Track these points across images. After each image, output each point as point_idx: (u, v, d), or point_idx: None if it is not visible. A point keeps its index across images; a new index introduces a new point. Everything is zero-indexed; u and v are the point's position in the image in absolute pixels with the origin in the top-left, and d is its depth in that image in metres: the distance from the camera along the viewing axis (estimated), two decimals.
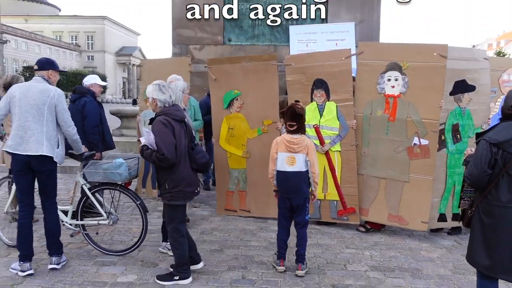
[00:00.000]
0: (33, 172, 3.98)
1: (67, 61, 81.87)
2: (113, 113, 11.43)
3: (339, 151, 5.61)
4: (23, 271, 3.93)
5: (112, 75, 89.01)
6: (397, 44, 5.91)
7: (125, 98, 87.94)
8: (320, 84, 5.61)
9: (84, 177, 4.50)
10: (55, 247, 4.11)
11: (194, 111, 5.96)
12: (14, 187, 4.58)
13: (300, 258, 4.14)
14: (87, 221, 4.52)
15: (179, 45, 9.68)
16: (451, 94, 5.30)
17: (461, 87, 5.30)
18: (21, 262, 3.96)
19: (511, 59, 13.00)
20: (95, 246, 4.52)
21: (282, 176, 4.09)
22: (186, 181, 3.83)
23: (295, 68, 5.81)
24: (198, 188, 4.01)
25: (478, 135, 3.17)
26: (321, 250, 4.84)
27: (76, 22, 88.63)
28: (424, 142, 5.24)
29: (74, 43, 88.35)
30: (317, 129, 4.98)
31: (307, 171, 4.12)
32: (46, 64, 4.14)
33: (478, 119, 5.36)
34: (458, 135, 5.37)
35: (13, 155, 3.88)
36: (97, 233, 4.63)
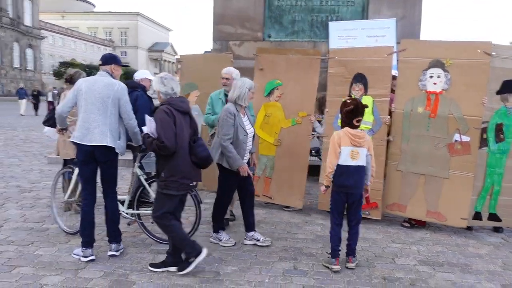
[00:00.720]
0: (97, 162, 4.19)
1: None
2: None
3: None
4: (86, 257, 4.15)
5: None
6: (440, 41, 5.89)
7: None
8: (359, 78, 5.71)
9: (141, 168, 4.70)
10: (114, 235, 4.32)
11: (213, 104, 5.56)
12: (74, 177, 4.84)
13: (352, 251, 4.20)
14: (143, 211, 4.72)
15: (220, 41, 9.79)
16: (498, 93, 5.26)
17: (510, 87, 5.23)
18: (84, 248, 4.18)
19: None
20: (149, 235, 4.72)
21: (344, 170, 4.10)
22: (183, 172, 3.86)
23: (337, 61, 5.94)
24: (195, 182, 4.02)
25: None
26: (368, 244, 4.90)
27: (110, 18, 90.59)
28: (465, 138, 5.25)
29: (108, 39, 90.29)
30: None
31: (365, 166, 4.19)
32: (109, 59, 4.37)
33: None
34: (502, 135, 5.31)
35: (79, 146, 4.10)
36: (152, 222, 4.83)
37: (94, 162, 4.18)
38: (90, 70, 65.84)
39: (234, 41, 9.71)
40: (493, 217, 5.42)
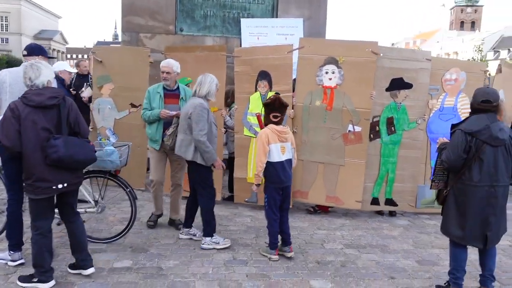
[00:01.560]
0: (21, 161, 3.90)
1: None
2: None
3: None
4: (14, 261, 3.89)
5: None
6: (334, 40, 6.53)
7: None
8: (264, 76, 6.02)
9: None
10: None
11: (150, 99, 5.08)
12: None
13: (289, 239, 4.43)
14: None
15: (129, 33, 9.45)
16: (387, 90, 5.91)
17: (398, 84, 5.89)
18: (11, 252, 3.90)
19: (453, 60, 14.35)
20: None
21: (278, 167, 4.30)
22: (37, 175, 3.42)
23: (242, 60, 6.23)
24: (61, 185, 3.50)
25: (453, 126, 3.66)
26: (297, 232, 5.19)
27: None
28: (357, 129, 5.84)
29: None
30: (259, 117, 5.13)
31: (291, 159, 4.44)
32: (36, 50, 4.11)
33: (413, 114, 5.92)
34: (393, 128, 5.95)
35: (1, 144, 3.79)
36: (84, 221, 4.62)
37: (18, 159, 3.90)
38: None
39: (145, 33, 9.44)
40: (389, 202, 6.04)
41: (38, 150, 3.40)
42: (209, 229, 4.55)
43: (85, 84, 7.61)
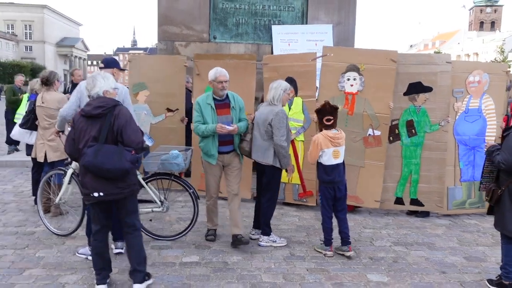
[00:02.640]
0: None
1: (3, 51, 77.56)
2: None
3: (303, 140, 6.35)
4: None
5: (53, 67, 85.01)
6: (356, 49, 6.84)
7: (65, 92, 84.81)
8: (290, 82, 6.18)
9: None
10: (119, 232, 4.42)
11: (240, 109, 4.93)
12: (66, 179, 4.84)
13: (348, 239, 4.66)
14: (141, 209, 4.84)
15: (165, 41, 9.83)
16: (405, 94, 6.15)
17: (416, 88, 6.12)
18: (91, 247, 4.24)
19: (475, 62, 14.35)
20: (146, 233, 4.86)
21: (329, 169, 4.62)
22: (81, 181, 3.62)
23: (270, 67, 6.60)
24: (96, 194, 3.48)
25: (506, 129, 3.89)
26: None
27: (12, 10, 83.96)
28: (377, 133, 6.13)
29: (10, 32, 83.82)
30: None
31: (343, 162, 4.73)
32: (111, 63, 4.47)
33: (435, 116, 6.10)
34: (413, 130, 6.18)
35: None
36: (150, 220, 5.00)
37: None
38: None
39: (180, 41, 9.80)
40: (415, 202, 6.25)
41: None
42: (266, 229, 4.85)
43: None
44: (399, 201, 6.27)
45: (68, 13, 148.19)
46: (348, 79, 6.14)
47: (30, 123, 5.69)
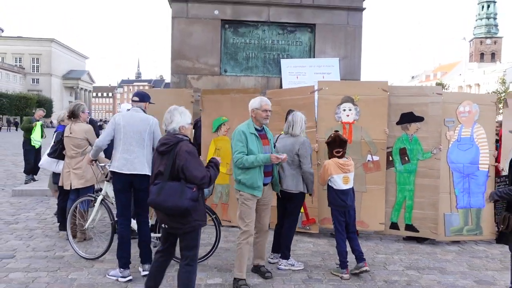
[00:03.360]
0: (131, 190, 4.57)
1: (10, 84, 79.08)
2: None
3: None
4: (124, 277, 4.49)
5: (59, 99, 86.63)
6: (349, 81, 7.26)
7: None
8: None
9: None
10: (147, 255, 4.68)
11: (247, 141, 4.61)
12: (97, 205, 5.12)
13: (362, 256, 4.95)
14: None
15: (178, 75, 10.27)
16: (397, 123, 6.53)
17: (408, 118, 6.51)
18: (122, 269, 4.50)
19: (465, 93, 14.86)
20: None
21: (339, 194, 4.96)
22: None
23: (273, 101, 6.85)
24: (163, 225, 3.83)
25: None
26: None
27: (21, 44, 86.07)
28: (375, 158, 6.48)
29: (18, 65, 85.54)
30: None
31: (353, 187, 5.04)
32: (145, 97, 4.83)
33: (427, 144, 6.41)
34: (406, 157, 6.52)
35: (118, 175, 4.47)
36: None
37: (130, 190, 4.57)
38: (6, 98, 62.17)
39: (192, 75, 10.23)
40: (409, 227, 6.49)
41: None
42: (287, 252, 5.09)
43: None
44: (394, 226, 6.54)
45: (75, 46, 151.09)
46: (344, 110, 6.55)
47: (58, 152, 6.02)
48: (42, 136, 10.58)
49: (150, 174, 4.55)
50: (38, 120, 10.81)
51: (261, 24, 10.26)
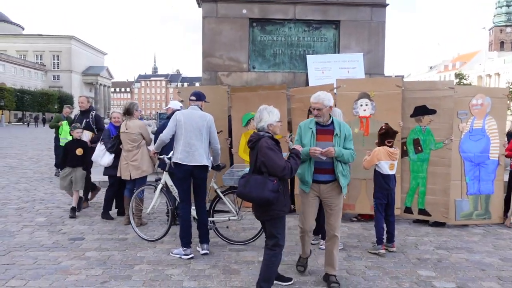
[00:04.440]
0: (192, 179, 5.17)
1: (32, 81, 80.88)
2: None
3: None
4: (187, 255, 5.09)
5: (79, 95, 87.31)
6: (365, 79, 7.78)
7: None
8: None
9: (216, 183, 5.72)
10: (206, 237, 5.29)
11: (346, 138, 4.54)
12: (157, 192, 5.75)
13: (393, 238, 5.55)
14: (218, 217, 5.71)
15: (209, 72, 10.85)
16: (411, 116, 7.04)
17: (421, 111, 7.00)
18: (185, 248, 5.11)
19: (478, 87, 15.32)
20: (222, 238, 5.71)
21: (386, 178, 5.55)
22: None
23: (297, 98, 7.68)
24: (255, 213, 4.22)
25: None
26: None
27: (41, 42, 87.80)
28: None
29: (39, 62, 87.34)
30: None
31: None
32: (201, 96, 5.42)
33: (439, 135, 6.88)
34: (419, 147, 7.02)
35: (181, 165, 5.07)
36: (227, 227, 5.85)
37: (190, 179, 5.17)
38: (22, 95, 63.82)
39: (222, 71, 10.80)
40: (423, 212, 7.02)
41: None
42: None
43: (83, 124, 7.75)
44: (408, 210, 7.07)
45: (93, 43, 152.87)
46: (361, 105, 7.08)
47: (116, 146, 6.66)
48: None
49: (208, 164, 5.17)
50: (67, 117, 11.27)
51: (287, 22, 10.77)
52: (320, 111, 4.46)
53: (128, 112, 6.54)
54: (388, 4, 10.90)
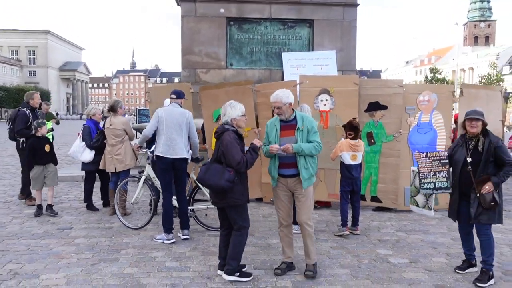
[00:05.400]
0: (173, 170, 5.64)
1: (7, 77, 79.48)
2: (135, 129, 12.63)
3: None
4: (169, 240, 5.58)
5: (56, 91, 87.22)
6: (325, 76, 8.56)
7: (70, 114, 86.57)
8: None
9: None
10: (186, 223, 5.77)
11: (309, 131, 4.71)
12: (140, 183, 6.20)
13: (357, 222, 6.11)
14: (198, 206, 6.20)
15: (188, 69, 11.28)
16: (365, 111, 7.72)
17: (374, 106, 7.70)
18: (167, 234, 5.60)
19: (425, 85, 16.19)
20: (202, 225, 6.21)
21: (348, 168, 6.14)
22: None
23: (262, 93, 8.17)
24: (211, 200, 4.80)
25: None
26: None
27: (17, 37, 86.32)
28: None
29: (14, 58, 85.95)
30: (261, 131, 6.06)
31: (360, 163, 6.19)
32: (181, 94, 5.88)
33: (390, 129, 7.58)
34: (372, 140, 7.71)
35: (163, 158, 5.54)
36: (206, 215, 6.35)
37: (172, 170, 5.64)
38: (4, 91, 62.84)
39: (201, 69, 11.22)
40: (375, 199, 7.72)
41: None
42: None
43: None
44: (362, 198, 7.54)
45: (70, 38, 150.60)
46: (322, 100, 7.67)
47: (100, 141, 7.07)
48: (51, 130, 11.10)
49: (187, 157, 5.65)
50: (46, 113, 11.36)
51: (263, 21, 11.24)
52: (280, 109, 4.69)
53: (113, 109, 6.96)
54: (359, 4, 11.46)
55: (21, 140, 7.73)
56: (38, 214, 6.96)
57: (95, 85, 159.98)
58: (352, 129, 6.15)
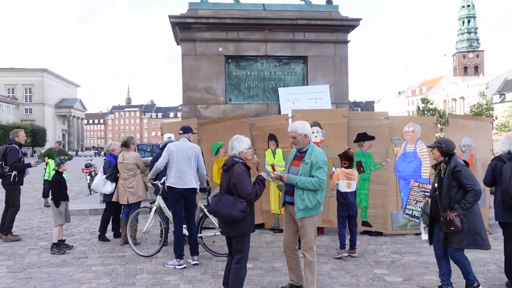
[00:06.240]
0: (182, 200, 6.11)
1: (4, 115, 79.99)
2: None
3: None
4: (180, 265, 5.99)
5: (52, 128, 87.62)
6: (316, 109, 9.23)
7: (66, 151, 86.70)
8: (272, 137, 8.47)
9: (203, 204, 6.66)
10: (196, 249, 6.19)
11: (312, 165, 4.83)
12: (152, 213, 6.65)
13: (354, 245, 6.55)
14: (206, 233, 6.63)
15: (189, 105, 11.81)
16: (354, 141, 8.28)
17: (362, 137, 8.28)
18: (178, 260, 6.01)
19: (409, 117, 16.88)
20: (210, 251, 6.62)
21: (344, 195, 6.64)
22: None
23: (257, 127, 8.80)
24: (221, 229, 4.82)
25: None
26: None
27: (14, 75, 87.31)
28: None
29: (11, 96, 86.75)
30: (273, 166, 5.49)
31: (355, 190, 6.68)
32: (188, 130, 6.41)
33: (378, 158, 8.12)
34: (362, 168, 8.19)
35: (174, 189, 6.01)
36: (213, 242, 6.76)
37: (181, 200, 6.10)
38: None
39: (201, 104, 11.75)
40: (365, 223, 8.15)
41: None
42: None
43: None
44: None
45: (66, 75, 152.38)
46: (313, 132, 8.12)
47: (114, 175, 7.55)
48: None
49: (196, 187, 6.13)
50: (58, 151, 12.06)
51: (259, 58, 11.89)
52: (295, 139, 4.91)
53: (126, 144, 7.48)
54: (349, 41, 12.18)
55: (13, 174, 7.99)
56: (64, 251, 6.95)
57: (91, 121, 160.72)
58: (347, 159, 6.68)
